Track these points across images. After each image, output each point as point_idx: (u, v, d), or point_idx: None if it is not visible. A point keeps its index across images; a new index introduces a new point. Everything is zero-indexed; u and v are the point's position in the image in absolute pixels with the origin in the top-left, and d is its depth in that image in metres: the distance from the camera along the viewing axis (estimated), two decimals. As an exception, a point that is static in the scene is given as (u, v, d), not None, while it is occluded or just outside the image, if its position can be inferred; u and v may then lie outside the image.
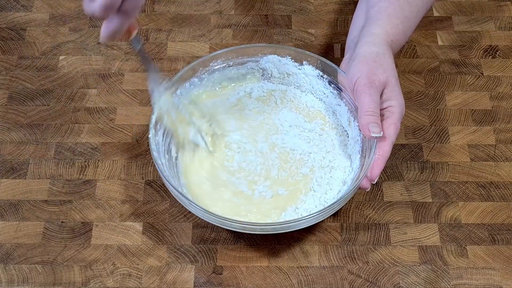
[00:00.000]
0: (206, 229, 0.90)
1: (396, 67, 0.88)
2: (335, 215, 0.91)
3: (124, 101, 1.01)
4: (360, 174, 0.83)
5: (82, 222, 0.90)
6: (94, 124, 0.99)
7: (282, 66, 0.96)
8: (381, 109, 0.85)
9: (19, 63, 1.05)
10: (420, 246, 0.89)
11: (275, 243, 0.89)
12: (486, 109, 1.01)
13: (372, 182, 0.83)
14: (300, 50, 0.94)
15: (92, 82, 1.03)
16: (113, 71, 1.04)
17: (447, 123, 1.00)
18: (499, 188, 0.94)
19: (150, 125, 0.86)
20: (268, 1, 1.14)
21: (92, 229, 0.90)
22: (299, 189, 0.88)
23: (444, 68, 1.06)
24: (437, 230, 0.90)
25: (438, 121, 1.00)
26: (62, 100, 1.01)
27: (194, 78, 0.94)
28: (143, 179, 0.94)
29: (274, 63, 0.96)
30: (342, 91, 0.92)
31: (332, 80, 0.93)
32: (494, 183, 0.94)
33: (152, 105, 0.88)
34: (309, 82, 0.96)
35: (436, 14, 1.12)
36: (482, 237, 0.90)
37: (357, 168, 0.87)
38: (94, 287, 0.85)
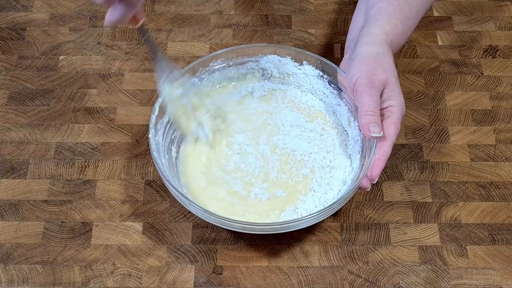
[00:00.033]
0: (206, 229, 0.90)
1: (396, 67, 0.88)
2: (335, 215, 0.91)
3: (124, 101, 1.01)
4: (360, 174, 0.83)
5: (82, 222, 0.90)
6: (94, 124, 0.99)
7: (282, 66, 0.96)
8: (381, 109, 0.85)
9: (19, 63, 1.05)
10: (420, 246, 0.89)
11: (275, 243, 0.89)
12: (486, 109, 1.01)
13: (372, 182, 0.83)
14: (300, 50, 0.94)
15: (92, 82, 1.03)
16: (113, 71, 1.04)
17: (447, 123, 1.00)
18: (499, 188, 0.94)
19: (150, 125, 0.86)
20: (268, 1, 1.14)
21: (92, 229, 0.90)
22: (299, 190, 0.88)
23: (444, 68, 1.06)
24: (437, 230, 0.90)
25: (438, 121, 1.00)
26: (62, 100, 1.01)
27: (194, 78, 0.94)
28: (143, 179, 0.94)
29: (274, 63, 0.96)
30: (342, 91, 0.91)
31: (332, 80, 0.93)
32: (494, 183, 0.94)
33: (158, 94, 0.88)
34: (309, 82, 0.96)
35: (436, 14, 1.12)
36: (482, 237, 0.90)
37: (357, 168, 0.87)
38: (94, 287, 0.85)
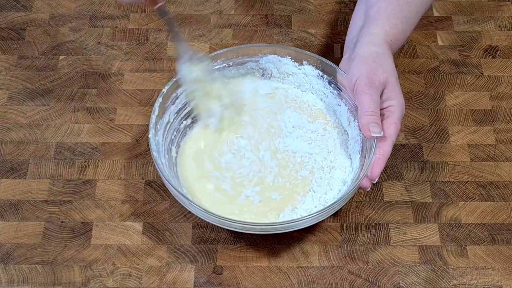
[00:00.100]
0: (206, 229, 0.90)
1: (396, 67, 0.88)
2: (335, 215, 0.91)
3: (124, 101, 1.01)
4: (360, 174, 0.83)
5: (82, 222, 0.90)
6: (94, 124, 0.99)
7: (282, 66, 0.96)
8: (381, 109, 0.85)
9: (19, 63, 1.05)
10: (420, 246, 0.89)
11: (275, 243, 0.89)
12: (486, 109, 1.01)
13: (373, 182, 0.83)
14: (300, 50, 0.94)
15: (92, 82, 1.03)
16: (113, 71, 1.04)
17: (447, 123, 1.00)
18: (499, 188, 0.94)
19: (150, 125, 0.86)
20: (268, 1, 1.14)
21: (92, 229, 0.90)
22: (297, 192, 0.88)
23: (444, 68, 1.06)
24: (437, 230, 0.90)
25: (438, 121, 1.00)
26: (62, 100, 1.01)
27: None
28: (143, 179, 0.94)
29: (274, 63, 0.96)
30: (342, 91, 0.91)
31: (332, 80, 0.93)
32: (494, 183, 0.94)
33: (177, 76, 0.89)
34: (309, 82, 0.96)
35: (436, 14, 1.12)
36: (482, 237, 0.90)
37: (357, 168, 0.87)
38: (94, 287, 0.85)
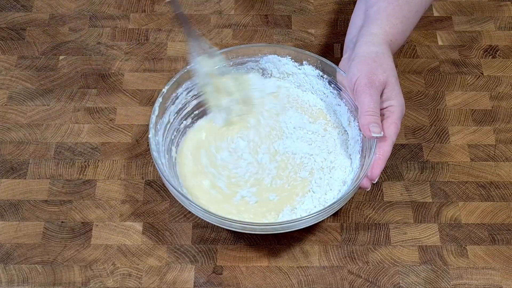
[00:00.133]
0: (206, 229, 0.90)
1: (396, 67, 0.88)
2: (335, 215, 0.91)
3: (124, 101, 1.01)
4: (360, 174, 0.83)
5: (82, 222, 0.90)
6: (94, 124, 0.99)
7: (282, 66, 0.96)
8: (381, 109, 0.85)
9: (19, 63, 1.05)
10: (420, 246, 0.89)
11: (275, 243, 0.89)
12: (486, 109, 1.01)
13: (373, 182, 0.83)
14: (300, 50, 0.94)
15: (92, 82, 1.03)
16: (113, 71, 1.04)
17: (447, 123, 1.00)
18: (499, 188, 0.94)
19: (150, 125, 0.86)
20: (268, 1, 1.14)
21: (92, 229, 0.90)
22: (296, 193, 0.88)
23: (444, 68, 1.06)
24: (437, 230, 0.90)
25: (438, 121, 1.00)
26: (62, 100, 1.01)
27: (194, 78, 0.94)
28: (143, 179, 0.94)
29: (274, 63, 0.96)
30: (342, 91, 0.91)
31: (332, 80, 0.93)
32: (494, 183, 0.94)
33: (191, 68, 0.90)
34: (309, 82, 0.96)
35: (436, 14, 1.12)
36: (482, 237, 0.90)
37: (357, 168, 0.87)
38: (94, 287, 0.85)
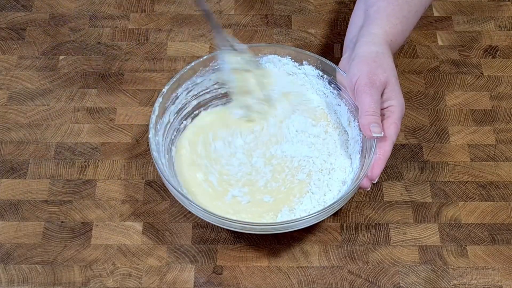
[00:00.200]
0: (206, 229, 0.90)
1: (396, 67, 0.88)
2: (335, 215, 0.91)
3: (124, 101, 1.01)
4: (360, 174, 0.83)
5: (82, 222, 0.90)
6: (94, 124, 0.99)
7: (282, 66, 0.96)
8: (382, 109, 0.85)
9: (19, 63, 1.05)
10: (420, 246, 0.89)
11: (275, 243, 0.89)
12: (486, 109, 1.01)
13: (373, 182, 0.83)
14: (300, 50, 0.94)
15: (92, 82, 1.03)
16: (113, 71, 1.04)
17: (447, 123, 1.00)
18: (499, 188, 0.94)
19: (150, 125, 0.86)
20: (268, 1, 1.14)
21: (92, 229, 0.90)
22: (293, 194, 0.87)
23: (444, 68, 1.06)
24: (437, 230, 0.90)
25: (438, 121, 1.00)
26: (62, 100, 1.01)
27: (194, 78, 0.94)
28: (143, 179, 0.94)
29: (274, 63, 0.96)
30: (342, 91, 0.91)
31: (332, 80, 0.93)
32: (494, 183, 0.94)
33: (217, 61, 0.91)
34: (309, 82, 0.96)
35: (436, 14, 1.12)
36: (482, 237, 0.90)
37: (357, 168, 0.87)
38: (94, 287, 0.85)
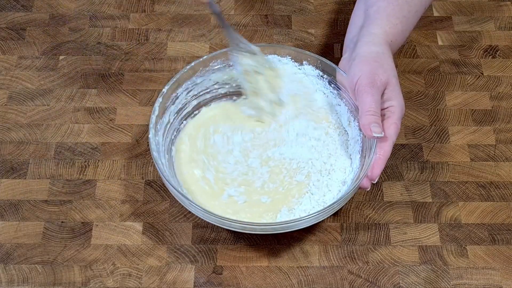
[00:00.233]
0: (206, 229, 0.90)
1: (396, 67, 0.88)
2: (335, 215, 0.91)
3: (124, 101, 1.01)
4: (360, 174, 0.83)
5: (82, 222, 0.90)
6: (94, 124, 0.99)
7: (282, 66, 0.96)
8: (382, 109, 0.85)
9: (19, 63, 1.05)
10: (420, 246, 0.89)
11: (275, 243, 0.89)
12: (486, 109, 1.01)
13: (373, 182, 0.83)
14: (300, 50, 0.94)
15: (92, 82, 1.03)
16: (113, 71, 1.04)
17: (447, 123, 1.00)
18: (499, 188, 0.94)
19: (150, 125, 0.86)
20: (268, 1, 1.14)
21: (92, 229, 0.90)
22: (292, 195, 0.87)
23: (444, 68, 1.06)
24: (437, 230, 0.90)
25: (438, 121, 1.00)
26: (62, 100, 1.01)
27: (194, 78, 0.94)
28: (143, 179, 0.94)
29: (274, 63, 0.96)
30: (342, 91, 0.91)
31: (332, 80, 0.93)
32: (494, 183, 0.94)
33: (232, 65, 0.92)
34: (309, 82, 0.96)
35: (436, 14, 1.12)
36: (482, 237, 0.90)
37: (357, 168, 0.86)
38: (94, 287, 0.85)
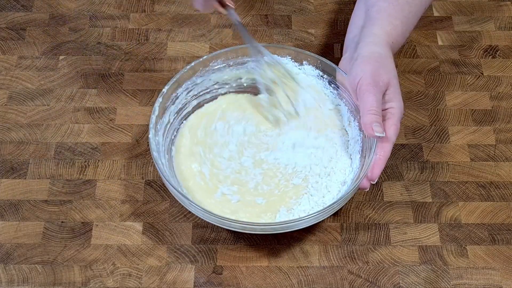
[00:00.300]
0: (206, 229, 0.90)
1: (396, 67, 0.88)
2: (335, 215, 0.91)
3: (124, 101, 1.01)
4: (360, 174, 0.83)
5: (82, 222, 0.90)
6: (94, 124, 0.99)
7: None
8: (383, 110, 0.85)
9: (19, 63, 1.05)
10: (420, 246, 0.89)
11: (275, 243, 0.89)
12: (486, 109, 1.01)
13: (372, 182, 0.83)
14: (300, 50, 0.94)
15: (92, 82, 1.03)
16: (113, 71, 1.04)
17: (447, 123, 1.00)
18: (499, 188, 0.94)
19: (150, 125, 0.86)
20: (268, 1, 1.14)
21: (92, 229, 0.90)
22: (289, 196, 0.87)
23: (444, 68, 1.06)
24: (437, 230, 0.90)
25: (438, 121, 1.00)
26: (62, 100, 1.01)
27: (194, 78, 0.94)
28: (143, 179, 0.94)
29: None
30: (342, 91, 0.91)
31: (332, 80, 0.93)
32: (494, 183, 0.94)
33: (253, 73, 0.93)
34: (309, 82, 0.96)
35: (436, 14, 1.12)
36: (482, 237, 0.90)
37: (357, 168, 0.87)
38: (94, 287, 0.85)
